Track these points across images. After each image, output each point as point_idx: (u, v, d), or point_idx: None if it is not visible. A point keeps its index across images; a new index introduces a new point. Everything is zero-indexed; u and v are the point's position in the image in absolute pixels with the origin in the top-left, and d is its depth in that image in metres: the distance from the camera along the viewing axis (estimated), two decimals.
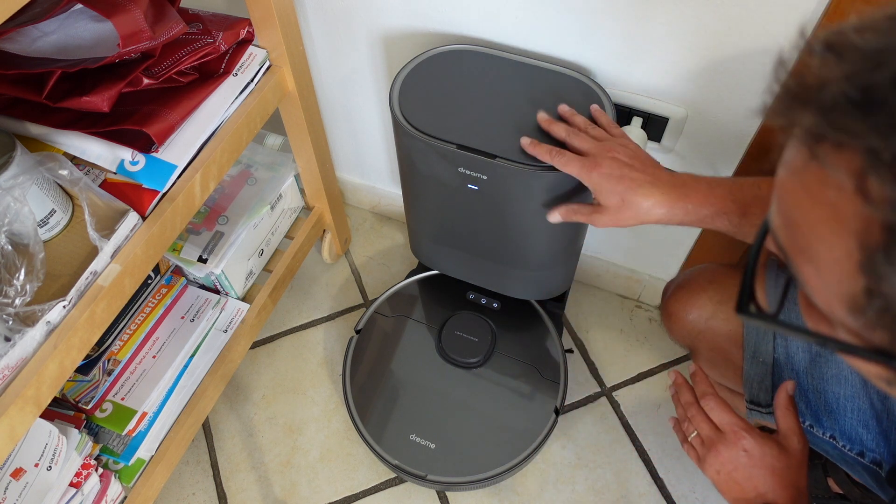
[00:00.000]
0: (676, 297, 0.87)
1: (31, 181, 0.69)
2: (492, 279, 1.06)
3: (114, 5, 0.70)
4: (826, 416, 0.72)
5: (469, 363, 1.08)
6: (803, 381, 0.74)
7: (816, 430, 0.73)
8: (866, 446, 0.71)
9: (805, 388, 0.73)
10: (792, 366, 0.74)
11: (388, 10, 0.93)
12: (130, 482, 0.92)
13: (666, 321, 0.90)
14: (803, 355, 0.74)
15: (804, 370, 0.73)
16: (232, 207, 1.05)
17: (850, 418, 0.71)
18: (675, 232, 1.09)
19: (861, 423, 0.70)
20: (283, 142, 1.13)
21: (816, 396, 0.73)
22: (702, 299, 0.84)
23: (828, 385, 0.72)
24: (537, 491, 1.08)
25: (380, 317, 1.15)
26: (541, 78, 0.84)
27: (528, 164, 0.78)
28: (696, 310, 0.84)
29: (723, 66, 0.79)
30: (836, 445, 0.72)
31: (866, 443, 0.71)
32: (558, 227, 0.90)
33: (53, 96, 0.73)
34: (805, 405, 0.74)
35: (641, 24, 0.79)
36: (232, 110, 0.84)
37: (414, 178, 0.91)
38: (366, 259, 1.36)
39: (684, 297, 0.86)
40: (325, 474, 1.11)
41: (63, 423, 0.84)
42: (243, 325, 1.06)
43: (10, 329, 0.64)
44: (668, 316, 0.89)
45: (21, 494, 0.78)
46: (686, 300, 0.85)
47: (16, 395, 0.64)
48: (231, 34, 0.82)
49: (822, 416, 0.72)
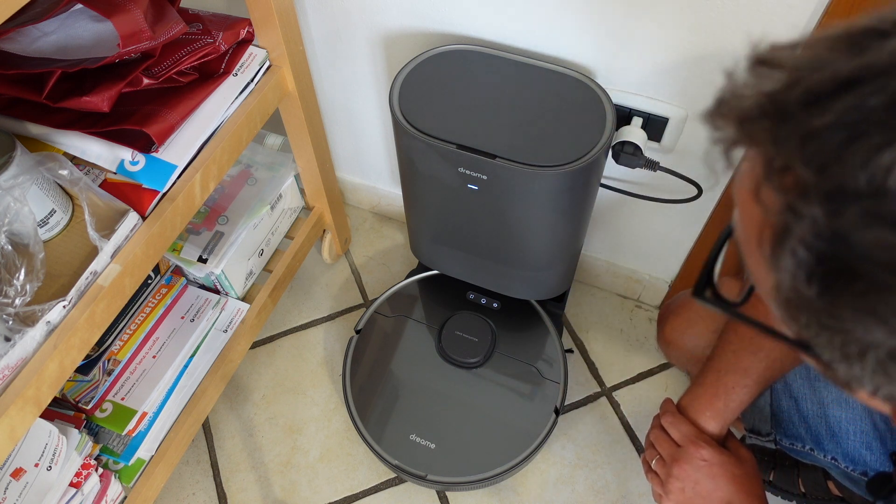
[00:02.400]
0: (673, 325, 0.87)
1: (31, 181, 0.69)
2: (492, 279, 1.06)
3: (114, 5, 0.70)
4: (828, 439, 0.72)
5: (469, 363, 1.08)
6: (803, 407, 0.74)
7: (817, 454, 0.73)
8: (869, 466, 0.71)
9: (805, 414, 0.73)
10: (790, 393, 0.74)
11: (388, 10, 0.93)
12: (130, 482, 0.92)
13: (664, 348, 0.90)
14: (802, 382, 0.74)
15: (803, 396, 0.73)
16: (232, 207, 1.05)
17: (852, 440, 0.71)
18: (675, 232, 1.09)
19: (864, 445, 0.70)
20: (283, 142, 1.13)
21: (817, 421, 0.73)
22: (699, 327, 0.84)
23: (829, 409, 0.72)
24: (537, 491, 1.08)
25: (380, 317, 1.15)
26: (541, 78, 0.84)
27: (528, 164, 0.78)
28: (693, 338, 0.84)
29: (723, 66, 0.79)
30: (838, 466, 0.72)
31: (869, 463, 0.70)
32: (558, 226, 0.90)
33: (53, 96, 0.73)
34: (805, 430, 0.74)
35: (641, 25, 0.79)
36: (232, 110, 0.84)
37: (414, 178, 0.91)
38: (366, 259, 1.36)
39: (682, 326, 0.86)
40: (325, 474, 1.11)
41: (63, 423, 0.84)
42: (243, 325, 1.06)
43: (10, 329, 0.64)
44: (665, 343, 0.89)
45: (21, 494, 0.78)
46: (684, 329, 0.85)
47: (16, 395, 0.64)
48: (231, 34, 0.82)
49: (824, 439, 0.72)
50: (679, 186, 0.94)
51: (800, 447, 0.74)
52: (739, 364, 0.69)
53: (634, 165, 0.88)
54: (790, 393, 0.74)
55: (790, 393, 0.74)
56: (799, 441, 0.74)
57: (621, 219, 1.11)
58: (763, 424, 0.77)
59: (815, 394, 0.73)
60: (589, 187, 0.86)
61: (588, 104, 0.81)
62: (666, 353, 0.90)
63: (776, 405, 0.75)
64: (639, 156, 0.88)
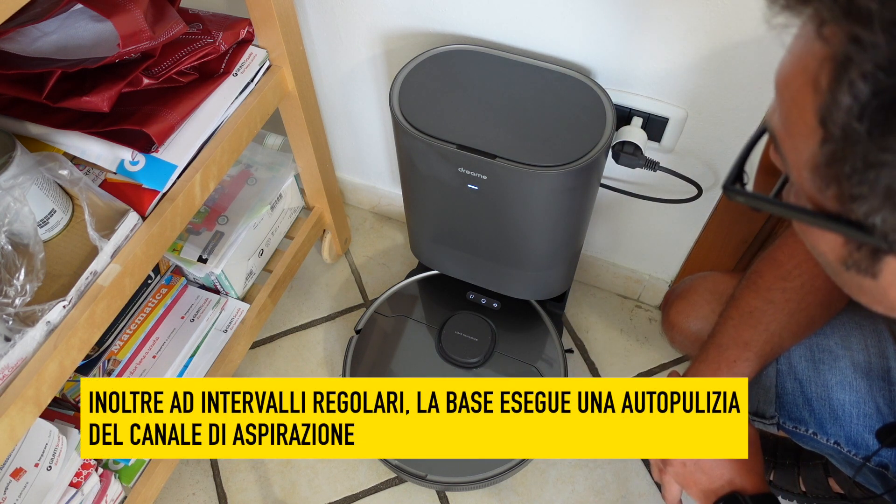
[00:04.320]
0: (678, 308, 0.87)
1: (31, 181, 0.69)
2: (492, 279, 1.06)
3: (114, 5, 0.70)
4: (831, 422, 0.72)
5: (469, 363, 1.08)
6: (807, 390, 0.74)
7: (820, 437, 0.73)
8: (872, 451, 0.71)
9: (809, 397, 0.73)
10: (795, 375, 0.74)
11: (387, 10, 0.93)
12: (130, 482, 0.92)
13: (668, 331, 0.90)
14: (806, 364, 0.74)
15: (807, 379, 0.73)
16: (232, 207, 1.05)
17: (855, 424, 0.71)
18: (674, 232, 1.09)
19: (867, 429, 0.70)
20: (283, 142, 1.13)
21: (821, 404, 0.73)
22: (704, 310, 0.84)
23: (832, 392, 0.72)
24: (537, 491, 1.08)
25: (380, 317, 1.15)
26: (541, 78, 0.84)
27: (528, 164, 0.78)
28: (698, 320, 0.84)
29: (722, 66, 0.79)
30: (840, 450, 0.72)
31: (872, 447, 0.70)
32: (558, 227, 0.90)
33: (53, 96, 0.73)
34: (808, 413, 0.74)
35: (641, 24, 0.79)
36: (232, 110, 0.84)
37: (414, 178, 0.91)
38: (366, 259, 1.36)
39: (686, 309, 0.86)
40: (325, 474, 1.11)
41: (63, 423, 0.84)
42: (243, 325, 1.06)
43: (10, 329, 0.64)
44: (670, 326, 0.89)
45: (21, 494, 0.78)
46: (688, 311, 0.85)
47: (16, 395, 0.64)
48: (231, 34, 0.82)
49: (827, 423, 0.72)
50: (679, 186, 0.95)
51: (803, 430, 0.74)
52: (740, 338, 0.70)
53: (634, 165, 0.88)
54: (794, 375, 0.74)
55: (794, 375, 0.74)
56: (803, 424, 0.74)
57: (621, 219, 1.11)
58: (767, 407, 0.76)
59: (820, 377, 0.73)
60: (589, 187, 0.86)
61: (588, 104, 0.81)
62: (670, 336, 0.90)
63: (780, 387, 0.75)
64: (639, 156, 0.88)
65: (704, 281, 0.86)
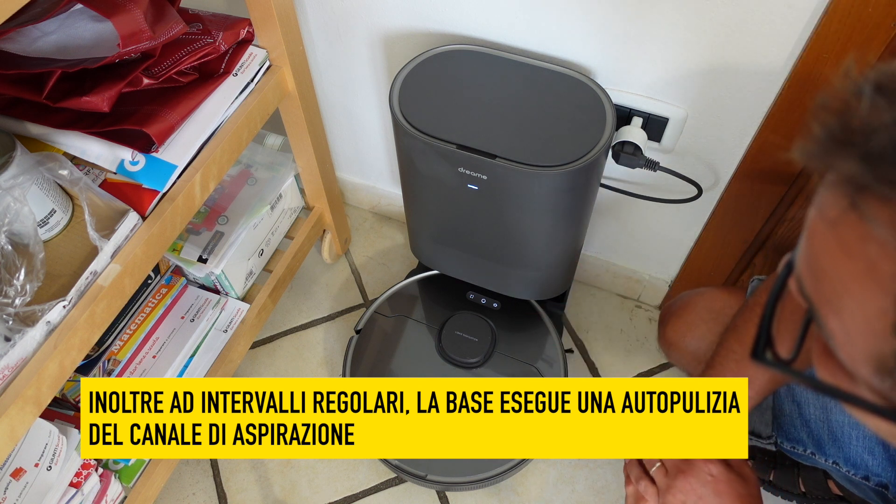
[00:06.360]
0: (674, 326, 0.86)
1: (31, 181, 0.69)
2: (492, 279, 1.06)
3: (114, 5, 0.70)
4: (830, 443, 0.72)
5: (469, 363, 1.08)
6: (805, 412, 0.73)
7: (819, 458, 0.73)
8: (871, 471, 0.70)
9: (807, 418, 0.73)
10: (793, 397, 0.74)
11: (388, 11, 0.93)
12: (130, 482, 0.92)
13: (665, 349, 0.89)
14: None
15: (805, 401, 0.73)
16: (232, 207, 1.05)
17: (855, 445, 0.70)
18: (674, 232, 1.09)
19: (866, 450, 0.70)
20: (283, 142, 1.13)
21: (819, 425, 0.72)
22: (701, 330, 0.83)
23: (831, 414, 0.71)
24: (537, 491, 1.08)
25: (380, 317, 1.15)
26: (541, 78, 0.84)
27: (528, 164, 0.78)
28: (695, 340, 0.83)
29: (722, 66, 0.79)
30: (839, 470, 0.72)
31: (871, 468, 0.70)
32: (558, 226, 0.90)
33: (53, 96, 0.73)
34: (806, 434, 0.74)
35: (641, 25, 0.79)
36: (232, 110, 0.84)
37: (414, 178, 0.91)
38: (366, 259, 1.36)
39: (682, 328, 0.85)
40: (325, 474, 1.11)
41: (63, 423, 0.84)
42: (243, 325, 1.06)
43: (10, 329, 0.64)
44: (667, 345, 0.88)
45: (21, 494, 0.78)
46: (685, 331, 0.84)
47: (16, 395, 0.64)
48: (231, 34, 0.82)
49: (826, 444, 0.72)
50: (679, 186, 0.95)
51: (801, 451, 0.74)
52: (742, 375, 0.68)
53: (634, 165, 0.88)
54: (793, 397, 0.74)
55: (793, 397, 0.74)
56: (800, 445, 0.74)
57: (621, 219, 1.11)
58: (764, 427, 0.76)
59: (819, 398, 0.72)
60: (589, 187, 0.86)
61: (588, 104, 0.81)
62: (667, 353, 0.90)
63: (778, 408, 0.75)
64: (639, 156, 0.88)
65: (701, 298, 0.85)
